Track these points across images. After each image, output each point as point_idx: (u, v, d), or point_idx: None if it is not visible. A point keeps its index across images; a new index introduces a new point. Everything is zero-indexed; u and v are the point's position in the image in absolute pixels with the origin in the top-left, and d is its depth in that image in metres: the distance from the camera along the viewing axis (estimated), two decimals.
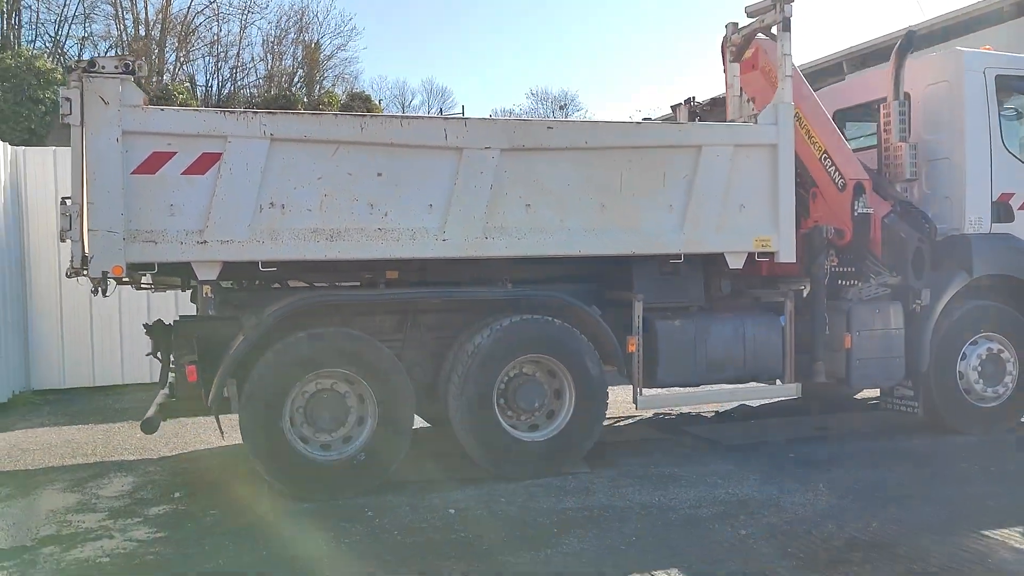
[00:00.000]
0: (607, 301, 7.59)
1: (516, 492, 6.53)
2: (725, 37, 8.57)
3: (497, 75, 78.74)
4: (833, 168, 8.04)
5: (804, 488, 6.51)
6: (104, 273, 6.02)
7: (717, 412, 9.61)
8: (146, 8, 32.77)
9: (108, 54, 30.64)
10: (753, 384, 7.78)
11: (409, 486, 6.74)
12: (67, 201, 6.17)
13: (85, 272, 6.05)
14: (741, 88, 8.60)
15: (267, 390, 6.36)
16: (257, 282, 7.17)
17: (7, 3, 27.81)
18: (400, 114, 7.17)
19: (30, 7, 29.25)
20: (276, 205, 6.38)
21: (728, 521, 5.74)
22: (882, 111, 8.37)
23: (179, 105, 29.11)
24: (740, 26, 8.39)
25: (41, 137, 22.58)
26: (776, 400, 10.06)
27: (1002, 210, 8.30)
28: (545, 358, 7.01)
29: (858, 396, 10.13)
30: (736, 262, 7.51)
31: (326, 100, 35.98)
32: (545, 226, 6.95)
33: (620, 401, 8.58)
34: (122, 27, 31.75)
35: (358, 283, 7.27)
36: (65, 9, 29.92)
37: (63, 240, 6.17)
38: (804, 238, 7.84)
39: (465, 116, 10.93)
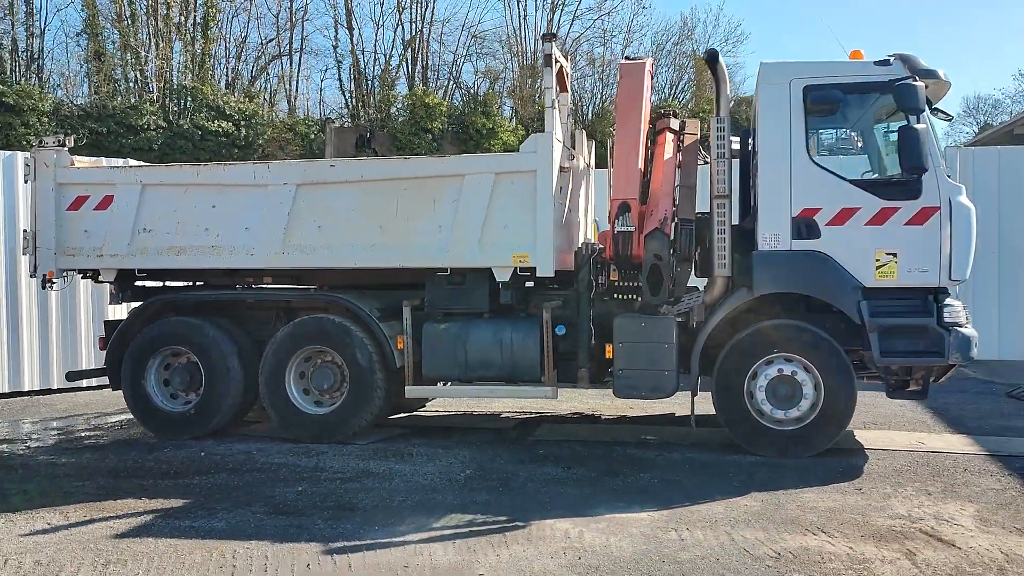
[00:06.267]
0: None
1: (269, 449, 8.54)
2: None
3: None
4: (612, 188, 8.48)
5: (434, 468, 7.67)
6: (44, 276, 9.39)
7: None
8: (534, 40, 37.23)
9: (491, 87, 35.73)
10: (510, 386, 8.62)
11: (227, 437, 9.11)
12: (25, 231, 9.59)
13: (34, 275, 9.47)
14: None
15: (133, 358, 9.23)
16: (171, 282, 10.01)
17: (411, 50, 34.11)
18: (224, 161, 9.35)
19: (435, 52, 35.32)
20: (147, 230, 9.17)
21: (288, 482, 7.28)
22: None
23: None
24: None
25: None
26: None
27: (804, 226, 7.91)
28: (326, 348, 8.83)
29: None
30: (503, 275, 8.49)
31: (705, 108, 37.39)
32: (333, 244, 8.76)
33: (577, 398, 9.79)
34: (510, 57, 36.62)
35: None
36: (459, 49, 35.53)
37: (24, 254, 9.63)
38: (575, 254, 8.48)
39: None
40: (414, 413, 10.56)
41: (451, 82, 36.01)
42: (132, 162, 13.38)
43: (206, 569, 5.23)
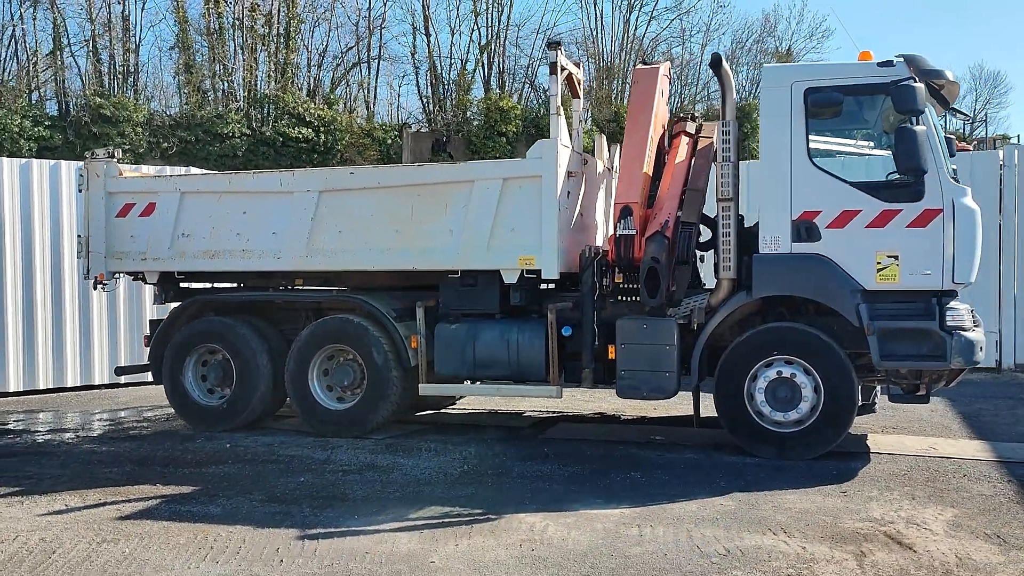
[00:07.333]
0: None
1: (290, 442, 9.00)
2: None
3: None
4: (615, 192, 8.62)
5: (435, 463, 7.99)
6: (96, 278, 10.09)
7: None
8: (611, 41, 37.35)
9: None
10: (517, 385, 8.87)
11: (255, 429, 9.62)
12: (80, 236, 10.30)
13: (87, 277, 10.17)
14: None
15: (172, 355, 9.83)
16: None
17: (486, 55, 34.61)
18: (255, 170, 10.14)
19: (511, 56, 35.77)
20: (185, 235, 9.76)
21: (294, 473, 7.71)
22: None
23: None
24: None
25: None
26: None
27: (804, 229, 7.91)
28: (346, 347, 9.23)
29: None
30: (511, 277, 8.74)
31: None
32: (352, 247, 9.17)
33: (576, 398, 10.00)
34: (586, 59, 36.74)
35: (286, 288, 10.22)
36: (534, 52, 35.85)
37: (79, 257, 10.34)
38: (579, 257, 8.66)
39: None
40: (441, 411, 10.90)
41: (526, 85, 36.40)
42: (194, 170, 14.16)
43: (187, 550, 5.65)
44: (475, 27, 34.33)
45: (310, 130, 28.13)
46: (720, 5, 50.58)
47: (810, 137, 7.97)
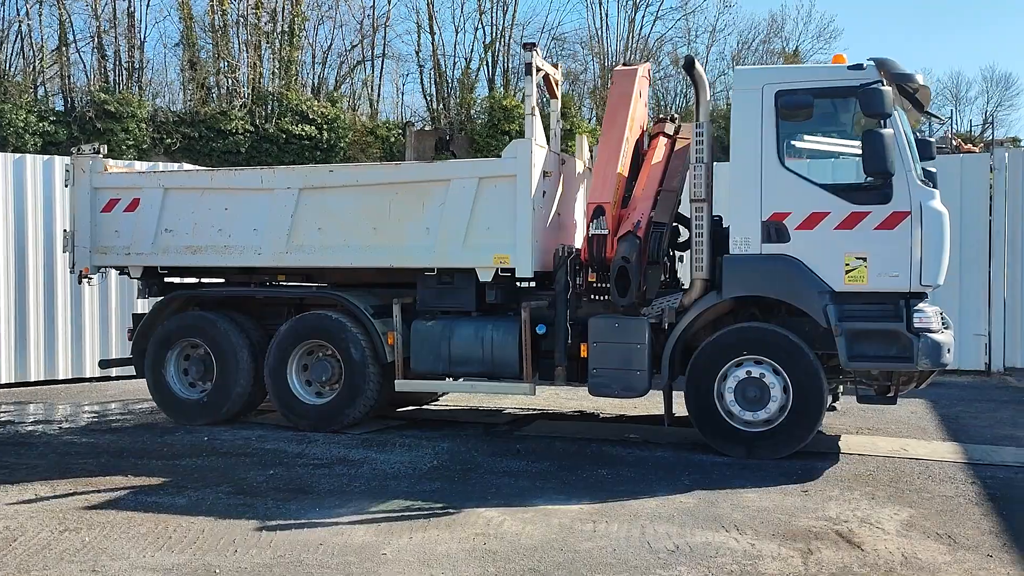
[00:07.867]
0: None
1: (268, 436, 9.10)
2: None
3: None
4: (589, 192, 8.68)
5: (407, 457, 8.08)
6: (80, 272, 10.21)
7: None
8: (616, 40, 37.37)
9: (570, 89, 35.92)
10: (491, 382, 8.94)
11: (236, 424, 9.72)
12: (66, 231, 10.43)
13: (73, 271, 10.30)
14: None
15: (155, 349, 9.93)
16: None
17: (491, 54, 34.71)
18: (236, 168, 10.32)
19: (516, 54, 35.80)
20: (168, 230, 9.87)
21: (265, 466, 7.81)
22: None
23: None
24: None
25: None
26: None
27: (773, 230, 7.96)
28: (325, 343, 9.32)
29: None
30: (485, 276, 8.82)
31: None
32: (332, 244, 9.26)
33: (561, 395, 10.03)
34: (591, 59, 36.81)
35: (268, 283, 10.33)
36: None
37: (64, 251, 10.46)
38: (553, 256, 8.73)
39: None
40: (422, 407, 10.98)
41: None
42: (187, 166, 14.27)
43: (145, 539, 5.75)
44: (479, 25, 34.46)
45: (313, 128, 28.21)
46: (726, 5, 50.52)
47: (781, 139, 8.01)
